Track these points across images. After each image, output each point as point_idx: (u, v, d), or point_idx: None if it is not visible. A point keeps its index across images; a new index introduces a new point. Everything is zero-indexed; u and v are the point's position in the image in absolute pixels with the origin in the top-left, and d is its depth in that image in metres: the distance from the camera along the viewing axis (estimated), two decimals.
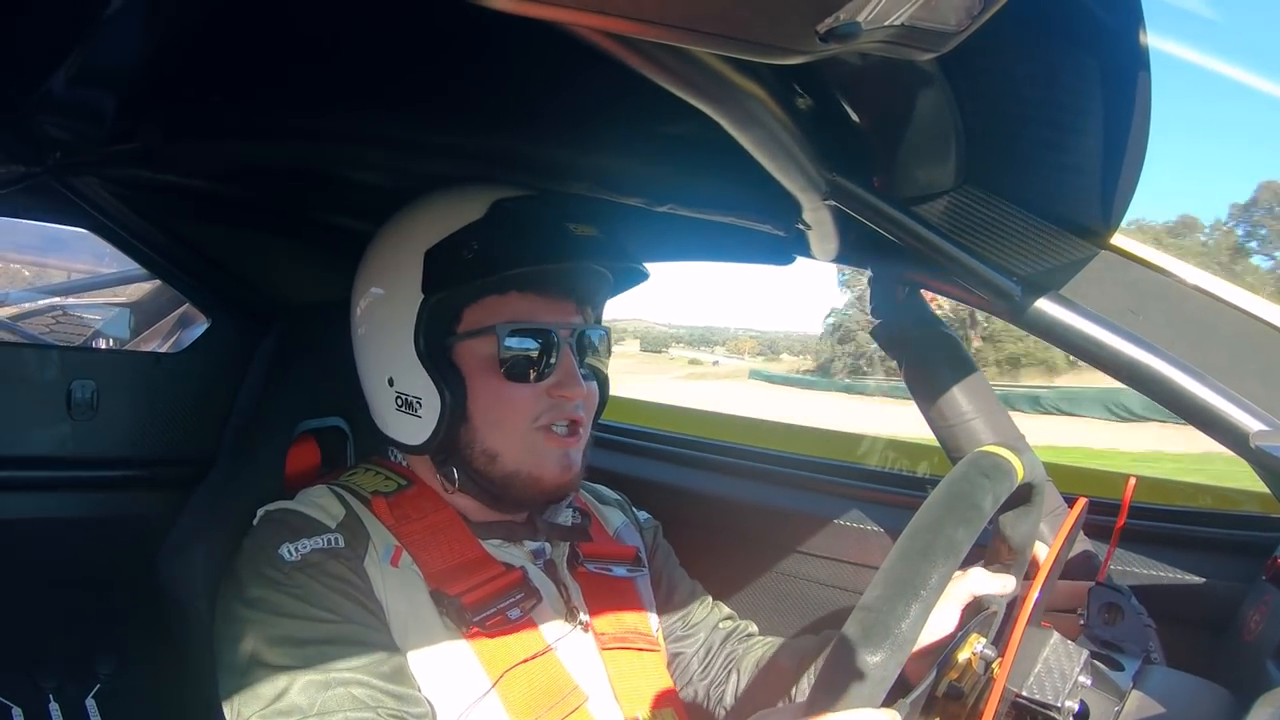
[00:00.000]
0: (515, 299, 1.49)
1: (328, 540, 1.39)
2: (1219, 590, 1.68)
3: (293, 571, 1.35)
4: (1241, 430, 1.38)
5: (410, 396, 1.49)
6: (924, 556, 0.96)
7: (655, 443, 2.57)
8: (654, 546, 1.87)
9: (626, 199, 1.62)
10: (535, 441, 1.50)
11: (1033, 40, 1.18)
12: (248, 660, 1.31)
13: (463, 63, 1.41)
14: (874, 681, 0.89)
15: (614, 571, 1.64)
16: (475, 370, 1.48)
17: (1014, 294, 1.47)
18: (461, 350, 1.49)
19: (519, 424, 1.49)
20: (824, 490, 2.23)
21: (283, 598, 1.33)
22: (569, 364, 1.50)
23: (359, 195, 1.85)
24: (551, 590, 1.55)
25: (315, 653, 1.30)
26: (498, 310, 1.48)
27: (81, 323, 2.79)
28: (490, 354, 1.47)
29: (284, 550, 1.37)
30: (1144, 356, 1.43)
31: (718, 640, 1.84)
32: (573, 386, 1.49)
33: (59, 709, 1.74)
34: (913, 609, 0.92)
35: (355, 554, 1.40)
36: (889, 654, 0.89)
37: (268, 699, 1.28)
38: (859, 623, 0.92)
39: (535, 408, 1.49)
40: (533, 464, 1.50)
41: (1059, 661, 1.08)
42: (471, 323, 1.49)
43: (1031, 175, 1.43)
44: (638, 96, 1.09)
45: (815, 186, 1.35)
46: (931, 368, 1.76)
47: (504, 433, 1.49)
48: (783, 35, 0.79)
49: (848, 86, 1.23)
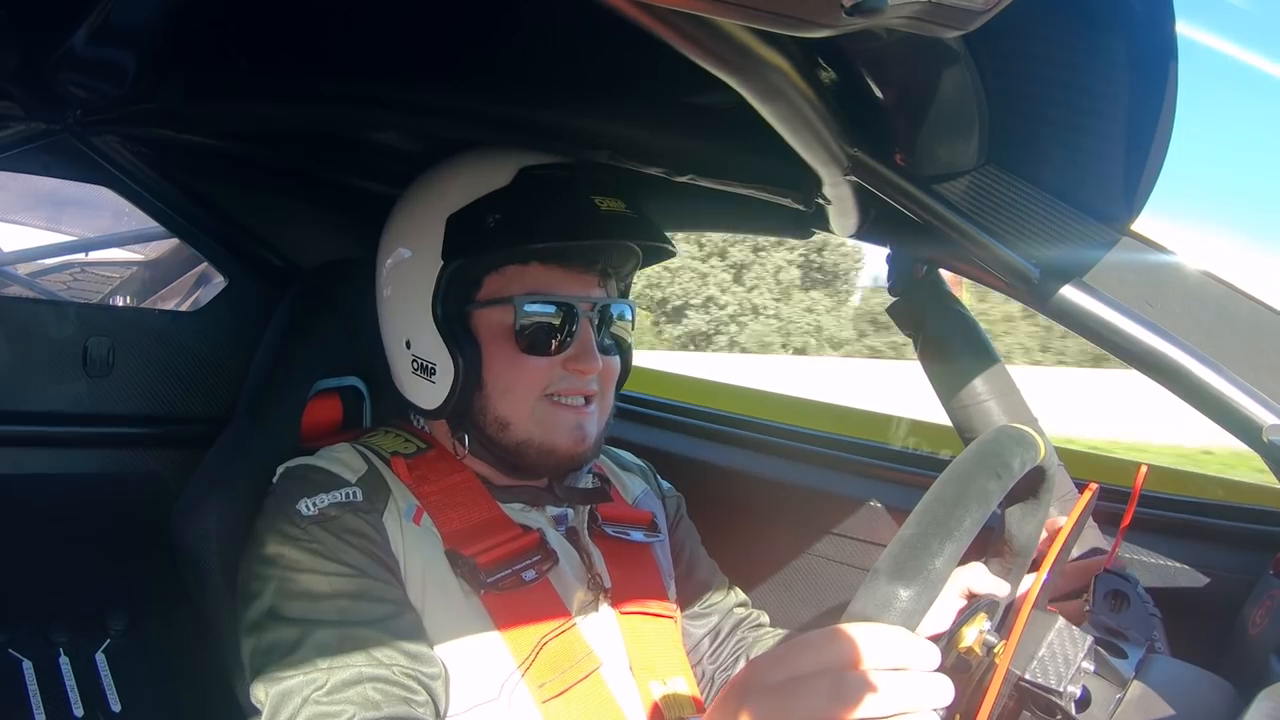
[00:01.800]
0: (537, 269, 1.49)
1: (346, 494, 1.40)
2: (1225, 583, 1.68)
3: (309, 525, 1.36)
4: (1256, 423, 1.38)
5: (426, 361, 1.50)
6: (957, 501, 0.97)
7: (676, 414, 2.57)
8: (676, 518, 1.88)
9: (647, 168, 1.61)
10: (545, 411, 1.50)
11: (1060, 23, 1.17)
12: (264, 615, 1.33)
13: (485, 28, 1.41)
14: (903, 614, 0.89)
15: (631, 536, 1.65)
16: (491, 339, 1.48)
17: (1033, 277, 1.46)
18: (479, 318, 1.49)
19: (529, 393, 1.49)
20: (844, 468, 2.23)
21: (299, 553, 1.35)
22: (586, 338, 1.49)
23: (378, 158, 1.86)
24: (574, 556, 1.55)
25: (331, 607, 1.31)
26: (518, 280, 1.48)
27: (99, 280, 2.79)
28: (507, 324, 1.47)
29: (301, 505, 1.38)
30: (1161, 345, 1.42)
31: (729, 625, 1.84)
32: (587, 361, 1.48)
33: (69, 663, 1.76)
34: (946, 548, 0.92)
35: (374, 508, 1.41)
36: (920, 589, 0.90)
37: (283, 653, 1.29)
38: (892, 556, 0.93)
39: (547, 378, 1.49)
40: (543, 433, 1.50)
41: (1063, 646, 1.08)
42: (491, 291, 1.48)
43: (1054, 158, 1.42)
44: (661, 66, 1.09)
45: (837, 161, 1.34)
46: (947, 347, 1.75)
47: (514, 401, 1.49)
48: (809, 8, 0.78)
49: (872, 62, 1.22)
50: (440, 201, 1.48)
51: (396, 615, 1.34)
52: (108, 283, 2.78)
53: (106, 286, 2.76)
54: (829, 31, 0.81)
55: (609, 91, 1.50)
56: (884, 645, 0.86)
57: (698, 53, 0.96)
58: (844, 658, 0.85)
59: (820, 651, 0.87)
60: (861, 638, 0.86)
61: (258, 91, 1.54)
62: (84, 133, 1.61)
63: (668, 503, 1.86)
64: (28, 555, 1.71)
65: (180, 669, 1.79)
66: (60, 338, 1.73)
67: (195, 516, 1.55)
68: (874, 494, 2.11)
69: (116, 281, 2.77)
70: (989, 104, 1.32)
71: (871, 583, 0.92)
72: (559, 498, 1.59)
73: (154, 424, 1.85)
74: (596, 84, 1.49)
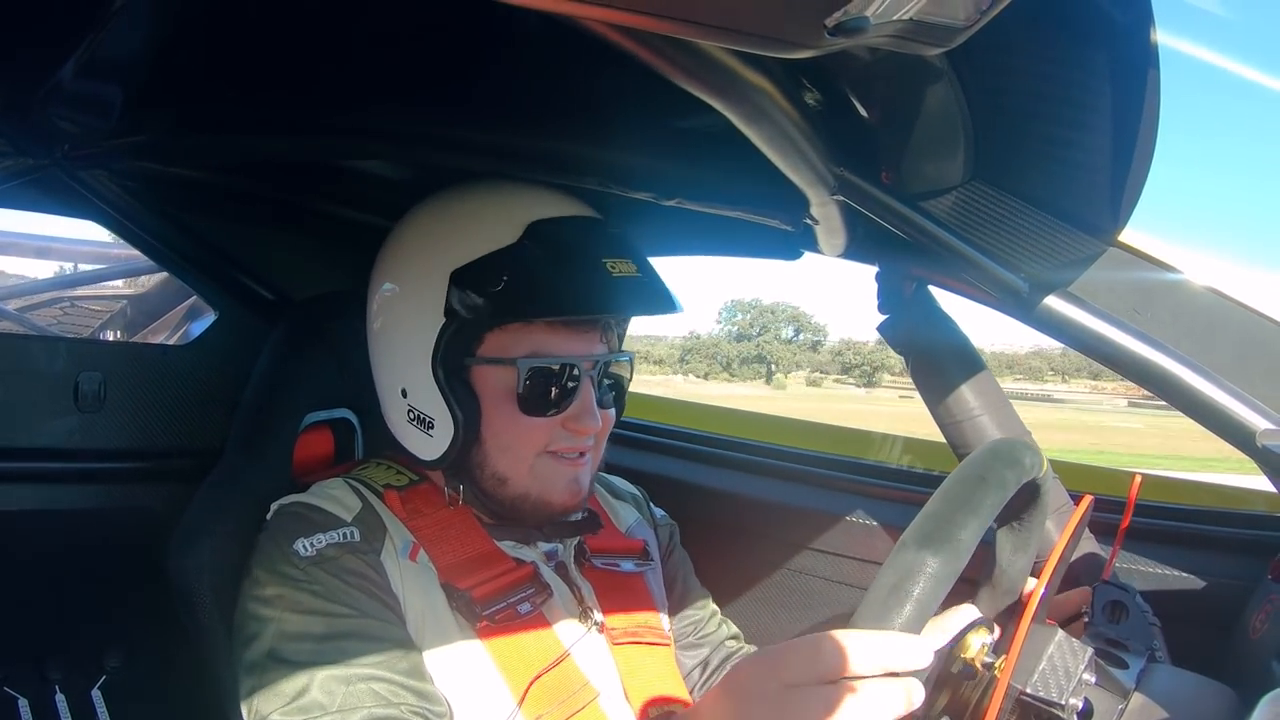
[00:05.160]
0: (541, 330, 1.44)
1: (344, 534, 1.39)
2: (1224, 589, 1.68)
3: (309, 567, 1.34)
4: (1249, 429, 1.38)
5: (423, 414, 1.47)
6: (978, 484, 1.00)
7: (667, 438, 2.57)
8: (670, 547, 1.86)
9: (634, 193, 1.61)
10: (544, 466, 1.47)
11: (1042, 36, 1.17)
12: (266, 658, 1.30)
13: (471, 57, 1.41)
14: (933, 580, 0.91)
15: (622, 566, 1.63)
16: (491, 396, 1.45)
17: (1022, 290, 1.47)
18: (479, 374, 1.45)
19: (529, 451, 1.46)
20: (835, 487, 2.23)
21: (300, 594, 1.32)
22: (588, 399, 1.46)
23: (367, 189, 1.86)
24: (565, 591, 1.54)
25: (334, 648, 1.29)
26: (523, 339, 1.43)
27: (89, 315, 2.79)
28: (508, 384, 1.43)
29: (299, 545, 1.36)
30: (1151, 354, 1.43)
31: (719, 657, 1.83)
32: (587, 421, 1.45)
33: (65, 700, 1.75)
34: (971, 522, 0.95)
35: (372, 548, 1.39)
36: (948, 558, 0.91)
37: (288, 697, 1.26)
38: (918, 529, 0.95)
39: (548, 437, 1.46)
40: (541, 488, 1.48)
41: (1063, 659, 1.08)
42: (493, 348, 1.44)
43: (1040, 171, 1.43)
44: (646, 90, 1.09)
45: (823, 181, 1.35)
46: (938, 364, 1.76)
47: (514, 459, 1.47)
48: (791, 29, 0.79)
49: (856, 81, 1.23)
50: (442, 252, 1.44)
51: (401, 655, 1.32)
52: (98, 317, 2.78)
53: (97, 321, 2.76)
54: (812, 52, 0.82)
55: (595, 117, 1.50)
56: (873, 652, 0.87)
57: (682, 77, 0.96)
58: (835, 665, 0.87)
59: (812, 659, 0.88)
60: (852, 645, 0.87)
61: (246, 123, 1.54)
62: (73, 167, 1.61)
63: (660, 531, 1.84)
64: (23, 591, 1.70)
65: (176, 705, 1.78)
66: (52, 373, 1.73)
67: (189, 551, 1.54)
68: (868, 512, 2.11)
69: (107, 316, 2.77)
70: (973, 119, 1.33)
71: (900, 552, 0.94)
72: (548, 534, 1.58)
73: (147, 458, 1.85)
74: (582, 110, 1.49)
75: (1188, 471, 2.18)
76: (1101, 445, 37.68)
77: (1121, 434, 47.97)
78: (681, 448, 2.52)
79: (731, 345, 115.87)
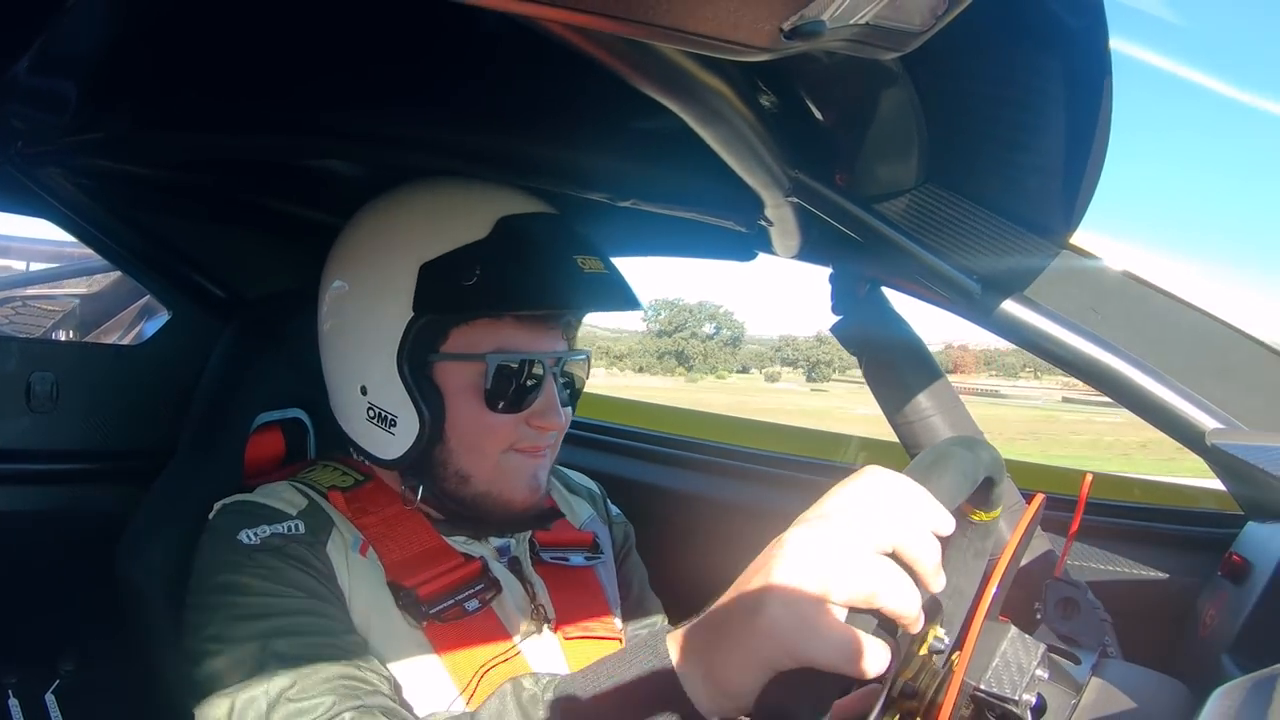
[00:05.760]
0: (510, 325, 1.43)
1: (288, 527, 1.37)
2: (1175, 585, 1.71)
3: (253, 553, 1.32)
4: (1198, 429, 1.41)
5: (385, 411, 1.45)
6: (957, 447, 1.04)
7: (627, 439, 2.57)
8: (625, 550, 1.85)
9: (590, 194, 1.60)
10: (507, 463, 1.47)
11: (997, 41, 1.18)
12: (214, 641, 1.28)
13: (428, 57, 1.40)
14: (968, 464, 0.98)
15: (570, 560, 1.63)
16: (457, 393, 1.43)
17: (975, 292, 1.48)
18: (443, 370, 1.43)
19: (495, 449, 1.45)
20: (794, 487, 2.23)
21: (246, 578, 1.30)
22: (551, 395, 1.46)
23: (324, 187, 1.84)
24: (516, 587, 1.53)
25: (287, 623, 1.27)
26: (491, 335, 1.42)
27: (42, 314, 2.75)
28: (474, 380, 1.42)
29: (243, 535, 1.34)
30: (1103, 355, 1.45)
31: None
32: (552, 417, 1.46)
33: (19, 705, 1.72)
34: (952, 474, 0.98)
35: (318, 539, 1.38)
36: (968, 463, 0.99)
37: (245, 671, 1.23)
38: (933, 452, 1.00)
39: (513, 434, 1.45)
40: (503, 486, 1.47)
41: (1016, 655, 1.09)
42: (459, 344, 1.42)
43: (993, 175, 1.44)
44: (602, 91, 1.09)
45: (778, 183, 1.35)
46: (891, 365, 1.77)
47: (479, 456, 1.45)
48: (747, 32, 0.79)
49: (812, 84, 1.24)
50: (409, 246, 1.42)
51: (350, 636, 1.31)
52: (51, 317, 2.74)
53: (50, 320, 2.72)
54: (768, 55, 0.82)
55: (551, 118, 1.49)
56: (910, 490, 0.90)
57: (638, 78, 0.96)
58: (878, 494, 0.91)
59: (854, 489, 0.93)
60: (891, 479, 0.92)
61: (204, 121, 1.52)
62: (26, 165, 1.58)
63: (615, 529, 1.83)
64: None
65: (131, 708, 1.75)
66: (3, 373, 1.70)
67: (139, 553, 1.52)
68: None
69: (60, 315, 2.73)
70: (928, 123, 1.34)
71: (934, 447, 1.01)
72: (502, 530, 1.57)
73: (101, 459, 1.82)
74: (538, 111, 1.48)
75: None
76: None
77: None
78: (637, 448, 2.51)
79: (653, 341, 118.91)
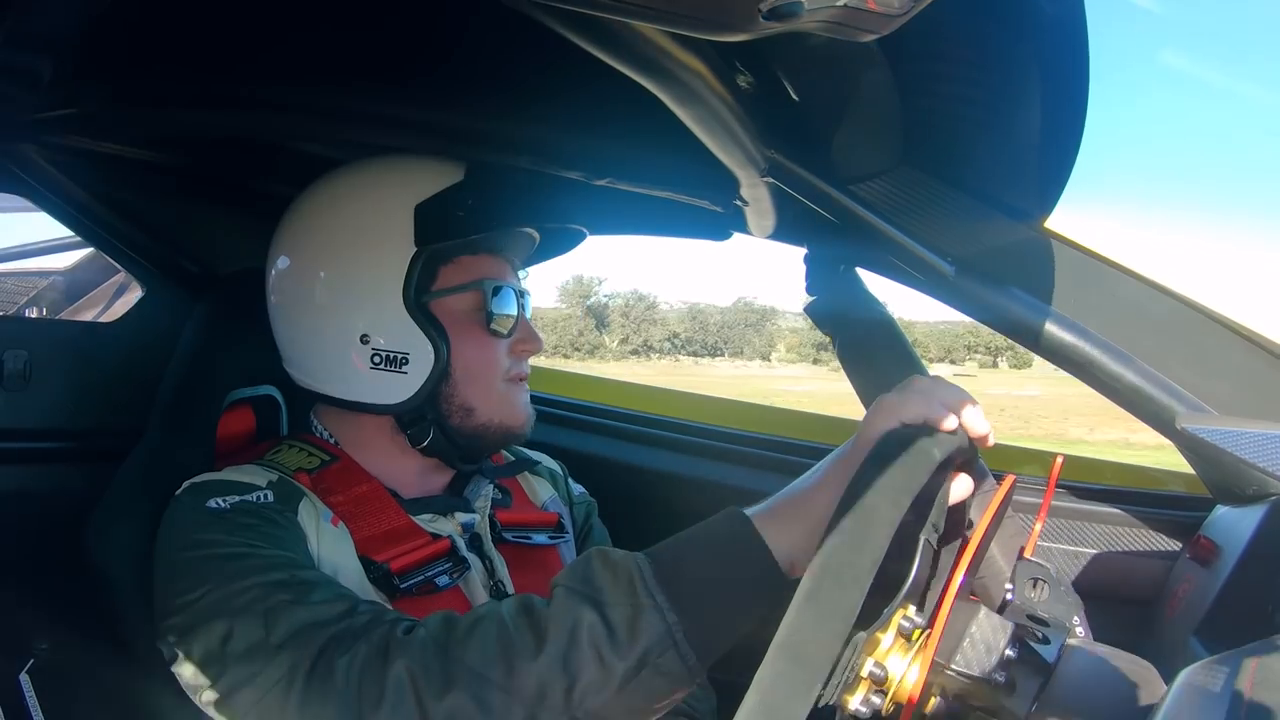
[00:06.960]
0: (486, 260, 1.55)
1: (257, 496, 1.36)
2: (1145, 567, 1.72)
3: (223, 514, 1.32)
4: (1168, 413, 1.42)
5: (394, 353, 1.48)
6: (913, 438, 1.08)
7: (594, 416, 2.56)
8: (586, 526, 1.85)
9: (565, 172, 1.61)
10: (506, 392, 1.55)
11: (974, 26, 1.19)
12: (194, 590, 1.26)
13: (406, 34, 1.39)
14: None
15: (533, 539, 1.64)
16: (457, 324, 1.50)
17: (948, 273, 1.48)
18: (440, 306, 1.50)
19: (495, 377, 1.53)
20: (762, 465, 2.23)
21: (216, 534, 1.29)
22: (528, 321, 1.58)
23: (297, 164, 1.82)
24: (478, 564, 1.53)
25: (266, 562, 1.26)
26: (474, 269, 1.53)
27: (14, 291, 2.72)
28: (472, 309, 1.51)
29: (211, 503, 1.33)
30: (1074, 338, 1.45)
31: None
32: (535, 341, 1.57)
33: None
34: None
35: (289, 507, 1.37)
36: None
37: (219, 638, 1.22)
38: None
39: (506, 361, 1.54)
40: (505, 414, 1.54)
41: (985, 635, 1.10)
42: (450, 280, 1.51)
43: (969, 158, 1.45)
44: (578, 69, 1.08)
45: (754, 163, 1.35)
46: (865, 344, 1.78)
47: (482, 387, 1.52)
48: (726, 12, 0.78)
49: (789, 65, 1.23)
50: (404, 193, 1.49)
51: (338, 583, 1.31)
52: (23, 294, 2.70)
53: (21, 298, 2.69)
54: (745, 35, 0.82)
55: (527, 96, 1.49)
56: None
57: (615, 57, 0.96)
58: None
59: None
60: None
61: (176, 98, 1.51)
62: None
63: (576, 509, 1.84)
64: None
65: (106, 688, 1.74)
66: None
67: (109, 532, 1.51)
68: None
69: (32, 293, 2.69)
70: (904, 105, 1.34)
71: None
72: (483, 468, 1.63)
73: (74, 438, 1.80)
74: (514, 88, 1.48)
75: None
76: None
77: None
78: (603, 424, 2.51)
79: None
